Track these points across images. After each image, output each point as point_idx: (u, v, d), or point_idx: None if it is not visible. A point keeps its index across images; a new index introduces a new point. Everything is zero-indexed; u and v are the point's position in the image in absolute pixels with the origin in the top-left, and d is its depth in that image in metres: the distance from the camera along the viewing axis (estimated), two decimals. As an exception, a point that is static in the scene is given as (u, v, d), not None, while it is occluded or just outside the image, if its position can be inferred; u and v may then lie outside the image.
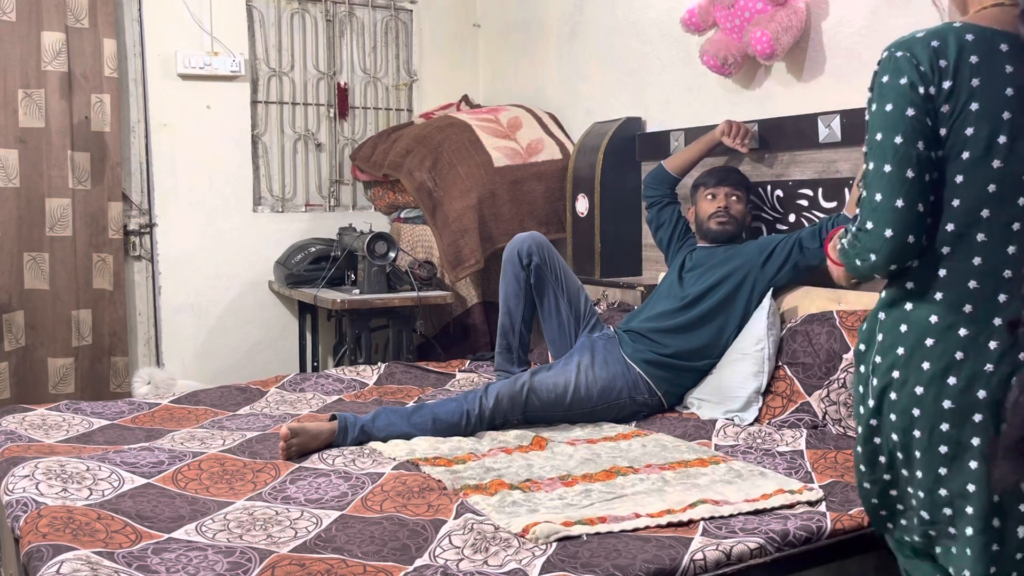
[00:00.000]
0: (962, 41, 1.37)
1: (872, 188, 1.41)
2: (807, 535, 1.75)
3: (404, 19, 4.52)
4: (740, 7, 2.94)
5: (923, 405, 1.38)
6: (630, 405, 2.64)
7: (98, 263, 3.78)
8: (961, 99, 1.36)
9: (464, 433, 2.42)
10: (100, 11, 3.71)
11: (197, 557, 1.61)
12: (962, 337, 1.37)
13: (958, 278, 1.39)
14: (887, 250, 1.39)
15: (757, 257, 2.75)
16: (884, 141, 1.39)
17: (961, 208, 1.38)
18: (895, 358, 1.42)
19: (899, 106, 1.37)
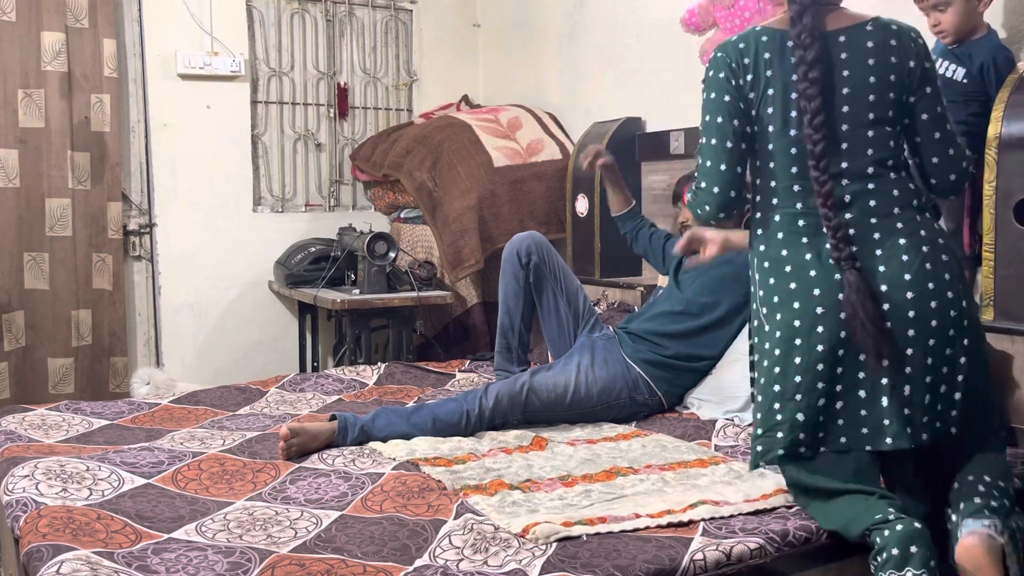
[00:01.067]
0: (759, 41, 1.82)
1: (703, 156, 1.86)
2: (807, 535, 1.75)
3: (404, 19, 4.52)
4: (740, 7, 2.94)
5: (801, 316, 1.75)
6: (630, 405, 2.63)
7: (98, 263, 3.78)
8: (760, 86, 1.81)
9: (464, 433, 2.42)
10: (100, 11, 3.71)
11: (197, 557, 1.61)
12: (809, 261, 1.78)
13: (790, 221, 1.82)
14: (715, 202, 1.85)
15: None
16: (710, 121, 1.84)
17: (777, 167, 1.83)
18: (769, 287, 1.81)
19: (719, 94, 1.83)
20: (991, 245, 2.26)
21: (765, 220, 1.85)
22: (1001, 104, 2.23)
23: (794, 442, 1.76)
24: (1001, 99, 2.24)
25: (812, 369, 1.74)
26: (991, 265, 2.27)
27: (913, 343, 1.72)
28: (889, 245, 1.76)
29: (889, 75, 1.79)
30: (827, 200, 1.75)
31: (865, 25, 1.82)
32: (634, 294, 3.40)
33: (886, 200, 1.79)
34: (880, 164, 1.80)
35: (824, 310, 1.74)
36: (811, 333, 1.74)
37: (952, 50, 2.29)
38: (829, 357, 1.73)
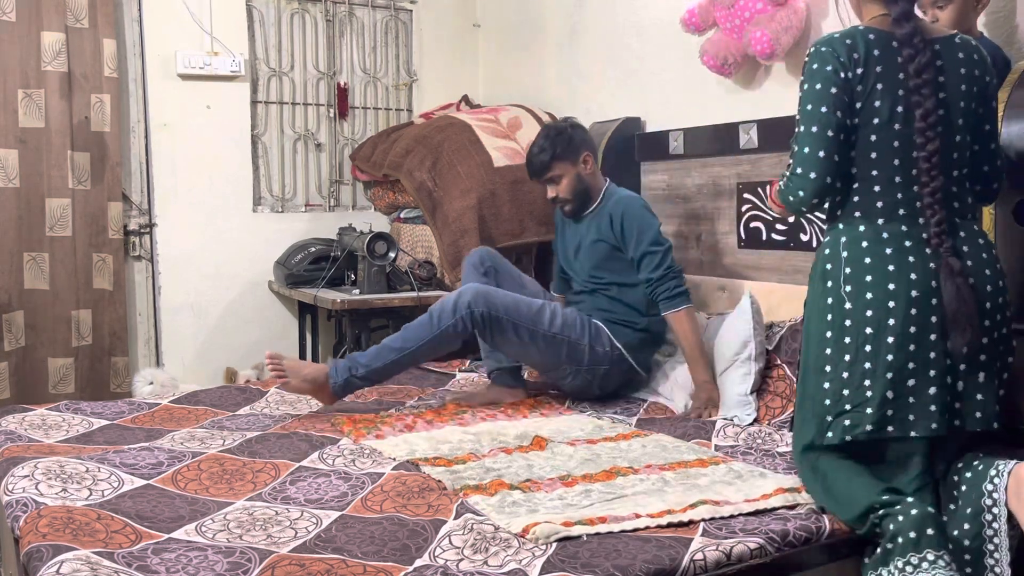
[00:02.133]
0: (867, 39, 1.89)
1: (801, 143, 1.91)
2: (807, 535, 1.75)
3: (404, 19, 4.52)
4: (740, 7, 2.94)
5: (896, 297, 1.82)
6: (590, 353, 2.77)
7: (98, 263, 3.78)
8: (870, 81, 1.87)
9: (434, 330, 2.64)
10: (100, 11, 3.71)
11: (197, 557, 1.61)
12: (908, 247, 1.86)
13: (891, 207, 1.89)
14: (811, 188, 1.90)
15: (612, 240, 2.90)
16: (813, 110, 1.89)
17: (879, 159, 1.89)
18: (864, 267, 1.86)
19: (824, 85, 1.88)
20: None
21: (865, 204, 1.91)
22: (1000, 104, 2.24)
23: (883, 419, 1.83)
24: (1000, 99, 2.24)
25: (904, 349, 1.82)
26: (991, 265, 2.27)
27: (988, 333, 1.85)
28: (970, 243, 1.89)
29: (974, 87, 1.92)
30: (935, 194, 1.84)
31: (954, 39, 1.94)
32: (634, 294, 3.39)
33: (964, 205, 1.93)
34: (960, 170, 1.93)
35: (919, 294, 1.82)
36: (906, 315, 1.82)
37: None
38: (922, 340, 1.82)
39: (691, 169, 3.32)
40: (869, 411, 1.83)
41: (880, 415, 1.82)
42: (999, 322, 1.87)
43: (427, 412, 2.67)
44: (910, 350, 1.82)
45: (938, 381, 1.83)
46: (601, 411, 2.74)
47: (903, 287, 1.83)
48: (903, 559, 1.67)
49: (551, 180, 2.95)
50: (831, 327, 1.90)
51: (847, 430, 1.86)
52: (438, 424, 2.53)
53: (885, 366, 1.82)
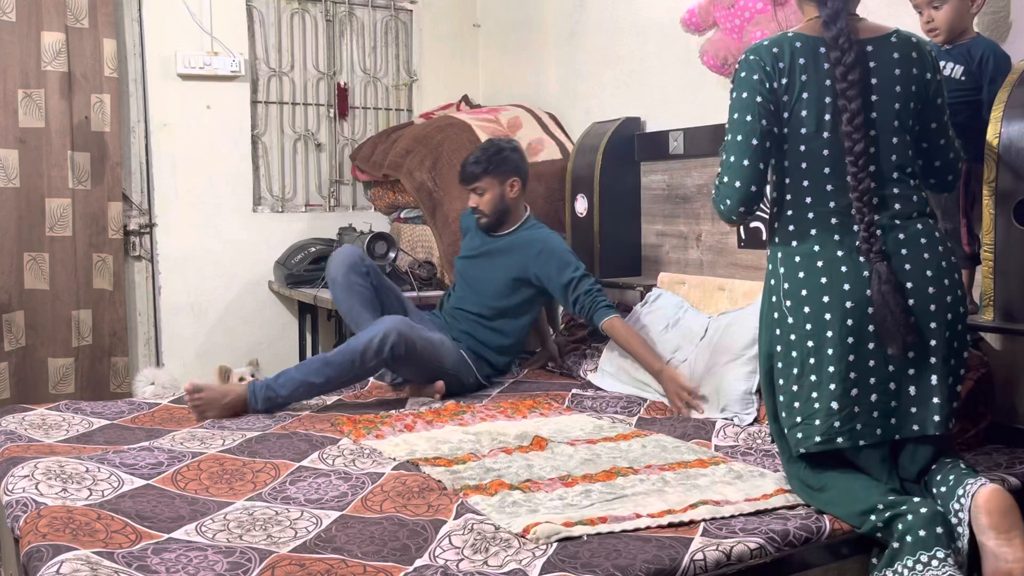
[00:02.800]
0: (793, 47, 1.88)
1: (728, 152, 1.91)
2: (807, 535, 1.75)
3: (404, 19, 4.52)
4: (740, 7, 2.94)
5: (831, 308, 1.82)
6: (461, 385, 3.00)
7: (98, 263, 3.78)
8: (795, 90, 1.87)
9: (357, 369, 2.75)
10: (100, 11, 3.71)
11: (197, 557, 1.61)
12: (840, 257, 1.85)
13: (823, 219, 1.89)
14: (737, 196, 1.89)
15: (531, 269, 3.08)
16: (738, 118, 1.88)
17: (808, 169, 1.89)
18: (798, 281, 1.87)
19: (750, 94, 1.88)
20: (991, 245, 2.26)
21: (797, 218, 1.91)
22: (1000, 104, 2.23)
23: (830, 429, 1.83)
24: (1000, 99, 2.24)
25: (844, 359, 1.82)
26: (991, 265, 2.27)
27: (935, 335, 1.83)
28: (912, 245, 1.86)
29: (911, 86, 1.90)
30: (863, 196, 1.83)
31: (890, 37, 1.92)
32: (633, 294, 3.40)
33: (907, 204, 1.89)
34: (901, 170, 1.91)
35: (853, 304, 1.82)
36: (842, 325, 1.82)
37: (948, 50, 2.29)
38: (859, 349, 1.82)
39: (691, 169, 3.32)
40: (817, 423, 1.84)
41: (828, 426, 1.83)
42: (949, 322, 1.85)
43: (427, 412, 2.67)
44: (850, 360, 1.82)
45: (880, 388, 1.83)
46: (601, 411, 2.74)
47: (837, 298, 1.83)
48: (913, 557, 1.67)
49: (476, 191, 3.13)
50: (779, 342, 1.92)
51: (800, 442, 1.88)
52: (438, 424, 2.53)
53: (828, 378, 1.83)
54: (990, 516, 1.69)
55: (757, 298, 2.74)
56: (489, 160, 3.10)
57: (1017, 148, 2.20)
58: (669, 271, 3.35)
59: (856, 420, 1.83)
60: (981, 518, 1.70)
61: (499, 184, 3.11)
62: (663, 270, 3.38)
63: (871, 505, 1.76)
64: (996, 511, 1.69)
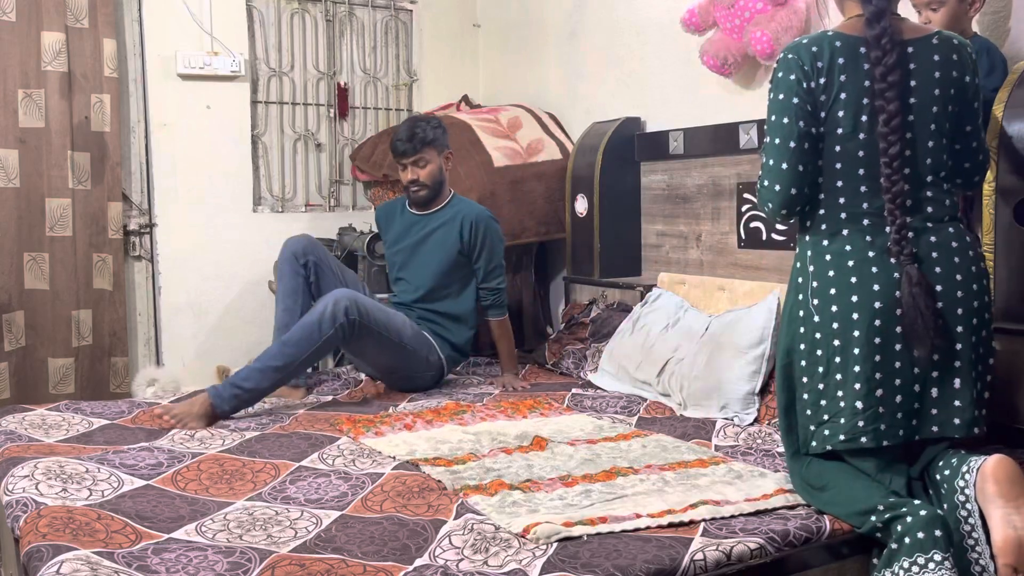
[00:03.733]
0: (833, 47, 1.86)
1: (767, 154, 1.91)
2: (807, 535, 1.75)
3: (404, 19, 4.52)
4: (740, 7, 2.94)
5: (859, 308, 1.82)
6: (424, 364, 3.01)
7: (98, 263, 3.77)
8: (833, 90, 1.86)
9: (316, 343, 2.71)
10: (100, 11, 3.71)
11: (197, 557, 1.61)
12: (871, 258, 1.85)
13: (855, 218, 1.89)
14: (778, 200, 1.90)
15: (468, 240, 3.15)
16: (776, 121, 1.89)
17: (843, 169, 1.89)
18: (828, 279, 1.88)
19: (787, 95, 1.88)
20: (991, 245, 2.26)
21: (830, 217, 1.91)
22: (1000, 104, 2.24)
23: (855, 428, 1.83)
24: (1000, 99, 2.24)
25: (870, 359, 1.82)
26: (991, 265, 2.27)
27: (962, 339, 1.84)
28: (942, 248, 1.87)
29: (950, 89, 1.89)
30: (896, 199, 1.83)
31: (931, 38, 1.90)
32: (633, 294, 3.40)
33: (939, 208, 1.90)
34: (935, 174, 1.90)
35: (882, 305, 1.82)
36: (870, 326, 1.82)
37: None
38: (886, 350, 1.82)
39: (691, 169, 3.32)
40: (842, 421, 1.85)
41: (852, 425, 1.84)
42: (975, 327, 1.86)
43: (426, 412, 2.67)
44: (876, 361, 1.82)
45: (905, 390, 1.84)
46: (601, 411, 2.74)
47: (866, 298, 1.83)
48: (910, 559, 1.67)
49: (417, 162, 3.14)
50: (804, 339, 1.93)
51: (826, 440, 1.88)
52: (437, 424, 2.53)
53: (854, 377, 1.83)
54: (998, 484, 1.69)
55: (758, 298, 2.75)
56: (433, 131, 3.15)
57: (1017, 148, 2.20)
58: (669, 271, 3.35)
59: (880, 420, 1.83)
60: (988, 487, 1.70)
61: (439, 155, 3.18)
62: (663, 270, 3.38)
63: (871, 506, 1.76)
64: (1004, 479, 1.69)
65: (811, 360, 1.91)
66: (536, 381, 3.20)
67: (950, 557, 1.67)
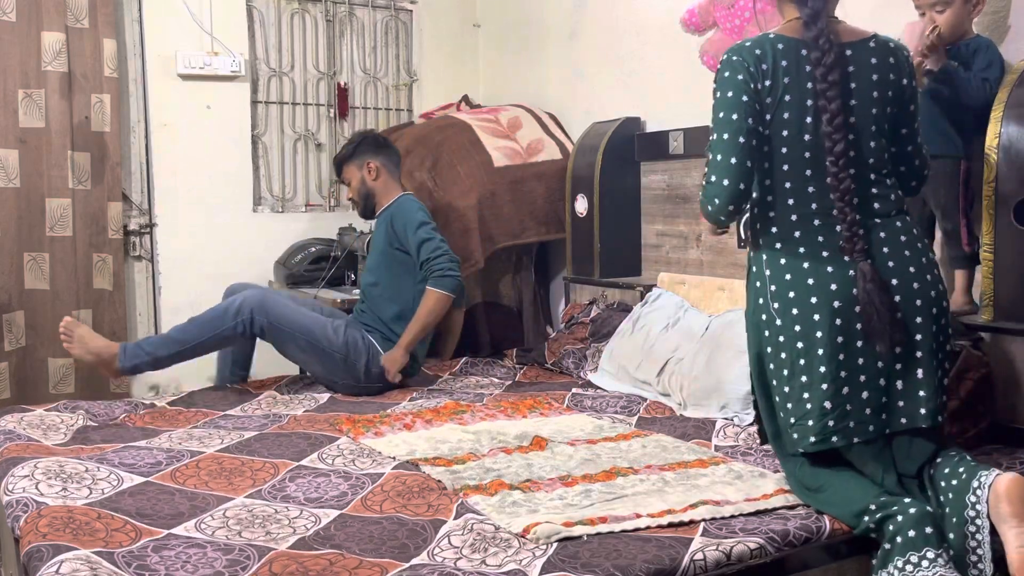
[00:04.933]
0: (775, 48, 1.88)
1: (714, 151, 1.90)
2: (807, 535, 1.75)
3: (404, 19, 4.52)
4: (740, 7, 2.94)
5: (819, 309, 1.84)
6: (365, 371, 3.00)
7: (98, 263, 3.78)
8: (778, 92, 1.87)
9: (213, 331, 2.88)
10: (100, 11, 3.71)
11: (196, 554, 1.61)
12: (825, 257, 1.86)
13: (809, 220, 1.90)
14: (726, 195, 1.87)
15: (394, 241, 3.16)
16: (724, 117, 1.88)
17: (791, 171, 1.90)
18: (785, 283, 1.88)
19: (736, 93, 1.88)
20: (990, 245, 2.26)
21: (780, 219, 1.92)
22: (1000, 104, 2.24)
23: (824, 429, 1.84)
24: (1000, 99, 2.24)
25: (834, 359, 1.83)
26: (990, 265, 2.27)
27: (921, 330, 1.86)
28: (892, 243, 1.89)
29: (888, 91, 1.92)
30: (844, 196, 1.85)
31: (868, 41, 1.92)
32: (633, 294, 3.40)
33: (885, 204, 1.92)
34: (878, 172, 1.93)
35: (841, 304, 1.83)
36: (831, 325, 1.83)
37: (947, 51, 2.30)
38: (848, 348, 1.83)
39: (691, 169, 3.32)
40: (811, 423, 1.85)
41: (822, 426, 1.84)
42: (934, 316, 1.87)
43: (426, 411, 2.67)
44: (840, 359, 1.83)
45: (871, 385, 1.84)
46: (601, 411, 2.74)
47: (824, 298, 1.84)
48: (903, 558, 1.67)
49: (344, 182, 3.36)
50: (768, 343, 1.93)
51: (796, 443, 1.88)
52: (437, 423, 2.53)
53: (820, 378, 1.84)
54: (1011, 504, 1.68)
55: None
56: (347, 149, 3.28)
57: (1017, 148, 2.20)
58: (669, 271, 3.35)
59: (849, 418, 1.84)
60: (1002, 507, 1.69)
61: (358, 170, 3.26)
62: (663, 270, 3.38)
63: (864, 506, 1.76)
64: (1018, 499, 1.68)
65: (777, 363, 1.91)
66: (536, 381, 3.20)
67: (943, 553, 1.67)
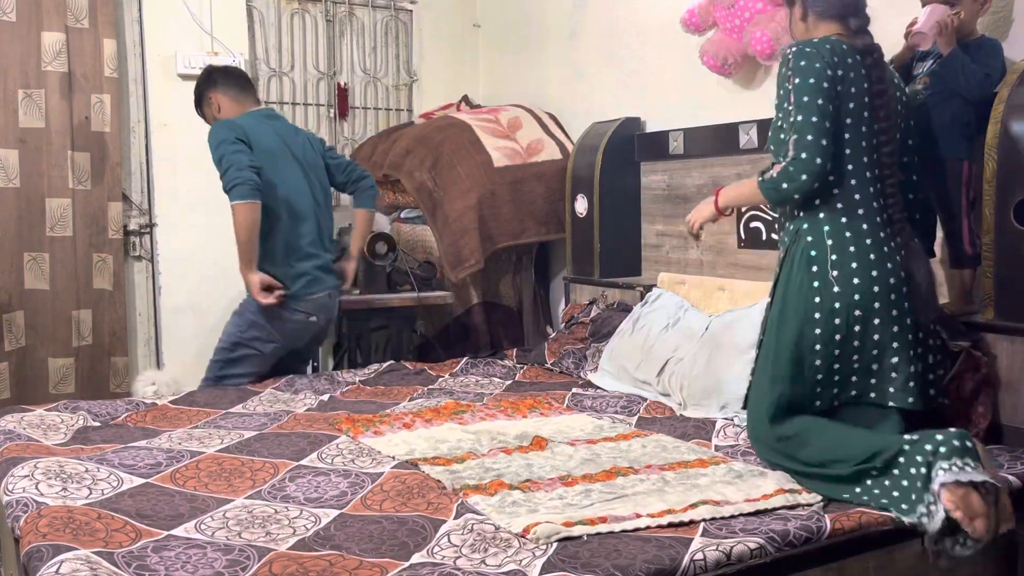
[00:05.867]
0: (842, 49, 2.08)
1: (803, 131, 2.03)
2: (807, 535, 1.75)
3: (404, 19, 4.53)
4: (740, 7, 2.94)
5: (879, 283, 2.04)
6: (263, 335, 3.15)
7: (98, 263, 3.78)
8: (845, 84, 2.06)
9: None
10: (100, 11, 3.71)
11: (196, 555, 1.61)
12: (882, 238, 2.07)
13: (866, 198, 2.09)
14: (815, 171, 2.03)
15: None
16: (809, 101, 2.03)
17: (852, 154, 2.09)
18: (849, 254, 2.05)
19: (818, 79, 2.04)
20: (991, 245, 2.26)
21: (845, 196, 2.09)
22: (1000, 104, 2.24)
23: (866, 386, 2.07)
24: (1000, 99, 2.24)
25: (888, 330, 2.05)
26: (991, 265, 2.27)
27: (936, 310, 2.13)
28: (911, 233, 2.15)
29: (902, 96, 2.20)
30: (895, 184, 2.10)
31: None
32: (633, 294, 3.40)
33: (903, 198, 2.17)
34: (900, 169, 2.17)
35: (895, 281, 2.06)
36: (888, 299, 2.05)
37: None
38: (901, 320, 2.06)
39: (691, 169, 3.32)
40: (855, 379, 2.07)
41: (864, 383, 2.07)
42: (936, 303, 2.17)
43: (426, 411, 2.67)
44: (893, 331, 2.05)
45: (913, 359, 2.07)
46: (601, 411, 2.74)
47: (884, 275, 2.05)
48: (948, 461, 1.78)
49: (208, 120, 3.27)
50: (819, 309, 2.07)
51: (836, 396, 2.09)
52: (437, 423, 2.53)
53: (872, 344, 2.05)
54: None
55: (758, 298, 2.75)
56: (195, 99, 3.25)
57: (1017, 148, 2.20)
58: (669, 271, 3.35)
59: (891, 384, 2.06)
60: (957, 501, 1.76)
61: (208, 109, 3.23)
62: (663, 270, 3.38)
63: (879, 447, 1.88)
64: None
65: (827, 327, 2.05)
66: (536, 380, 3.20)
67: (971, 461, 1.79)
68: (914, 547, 1.86)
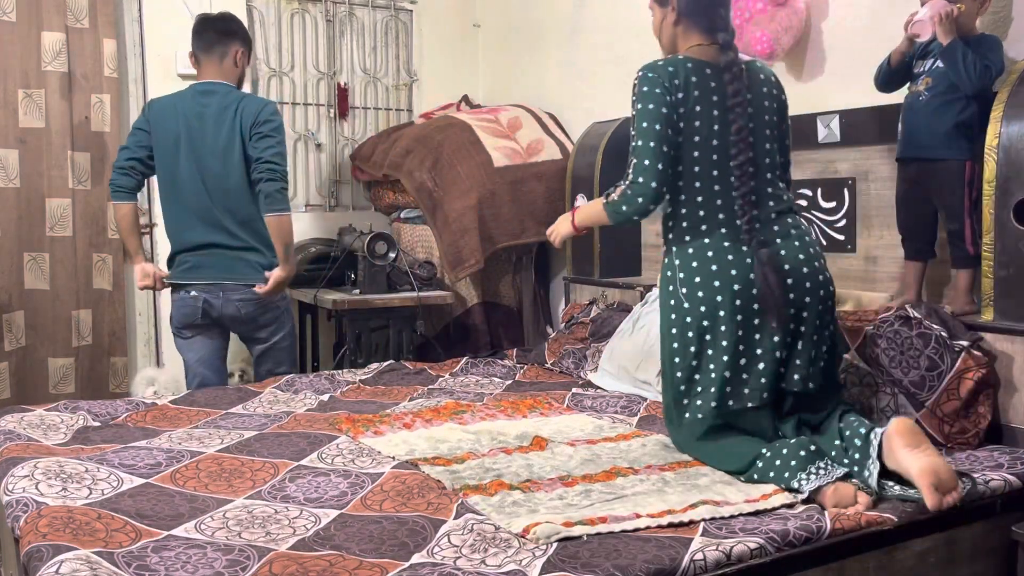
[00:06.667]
0: (686, 68, 2.15)
1: (641, 156, 2.14)
2: (807, 535, 1.75)
3: (404, 19, 4.53)
4: (740, 7, 2.94)
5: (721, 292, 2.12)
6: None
7: (98, 263, 3.78)
8: (689, 104, 2.14)
9: None
10: (100, 11, 3.71)
11: (196, 555, 1.61)
12: (727, 247, 2.15)
13: (714, 216, 2.17)
14: (651, 195, 2.14)
15: None
16: (648, 127, 2.13)
17: (701, 172, 2.17)
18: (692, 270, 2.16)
19: (656, 105, 2.13)
20: (991, 245, 2.26)
21: (688, 217, 2.19)
22: (1000, 104, 2.24)
23: (724, 395, 2.14)
24: (1000, 99, 2.24)
25: (735, 335, 2.12)
26: (991, 265, 2.27)
27: (809, 308, 2.15)
28: (784, 235, 2.18)
29: (774, 104, 2.27)
30: (745, 196, 2.15)
31: (753, 63, 2.27)
32: (633, 294, 3.40)
33: (778, 202, 2.23)
34: (773, 175, 2.24)
35: (740, 286, 2.12)
36: (732, 305, 2.11)
37: None
38: (747, 325, 2.12)
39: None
40: (713, 390, 2.14)
41: (722, 393, 2.13)
42: (821, 298, 2.16)
43: (426, 411, 2.67)
44: (739, 335, 2.12)
45: (766, 357, 2.13)
46: (601, 411, 2.74)
47: (726, 282, 2.12)
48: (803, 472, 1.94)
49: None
50: (675, 325, 2.21)
51: (699, 408, 2.16)
52: (437, 423, 2.53)
53: (721, 351, 2.13)
54: (903, 437, 1.90)
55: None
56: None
57: (1017, 148, 2.20)
58: (669, 271, 3.34)
59: (745, 386, 2.13)
60: (895, 442, 1.90)
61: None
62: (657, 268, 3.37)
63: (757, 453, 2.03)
64: (907, 432, 1.91)
65: (683, 342, 2.19)
66: (536, 380, 3.20)
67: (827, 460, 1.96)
68: (914, 547, 1.86)
